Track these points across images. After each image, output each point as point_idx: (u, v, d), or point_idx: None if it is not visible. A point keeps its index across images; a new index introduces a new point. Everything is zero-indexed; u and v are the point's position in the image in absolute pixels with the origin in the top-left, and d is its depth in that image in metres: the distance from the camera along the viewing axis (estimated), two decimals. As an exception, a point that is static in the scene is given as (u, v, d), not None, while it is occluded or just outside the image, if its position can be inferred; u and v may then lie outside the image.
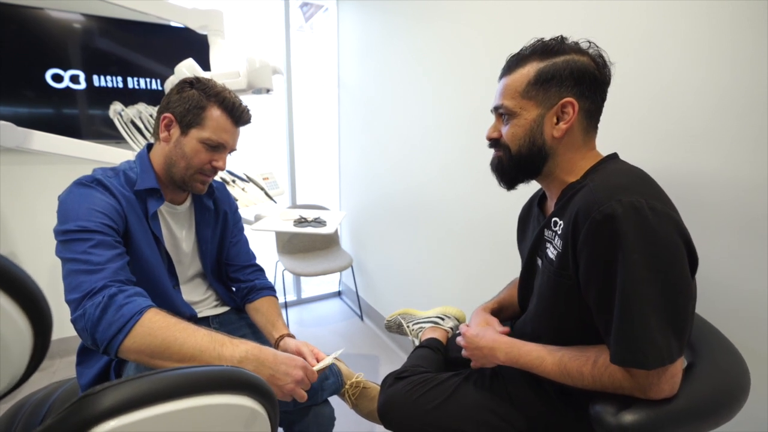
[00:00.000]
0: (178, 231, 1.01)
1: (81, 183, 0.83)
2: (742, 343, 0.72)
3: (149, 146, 0.97)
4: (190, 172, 0.91)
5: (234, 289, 1.14)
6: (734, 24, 0.77)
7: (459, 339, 0.87)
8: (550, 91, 0.70)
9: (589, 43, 0.71)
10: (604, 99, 0.73)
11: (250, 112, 0.97)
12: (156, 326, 0.69)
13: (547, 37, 0.73)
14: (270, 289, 1.13)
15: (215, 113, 0.90)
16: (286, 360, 0.74)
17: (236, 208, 1.18)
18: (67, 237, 0.75)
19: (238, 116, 0.93)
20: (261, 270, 1.18)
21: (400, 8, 1.87)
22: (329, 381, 1.02)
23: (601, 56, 0.71)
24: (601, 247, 0.60)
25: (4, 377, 0.28)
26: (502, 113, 0.76)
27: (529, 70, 0.71)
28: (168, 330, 0.69)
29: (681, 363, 0.60)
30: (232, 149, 0.97)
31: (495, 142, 0.79)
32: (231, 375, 0.41)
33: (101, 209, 0.80)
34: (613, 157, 0.74)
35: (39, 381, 0.96)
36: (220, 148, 0.93)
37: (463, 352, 0.86)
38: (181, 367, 0.37)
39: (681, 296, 0.58)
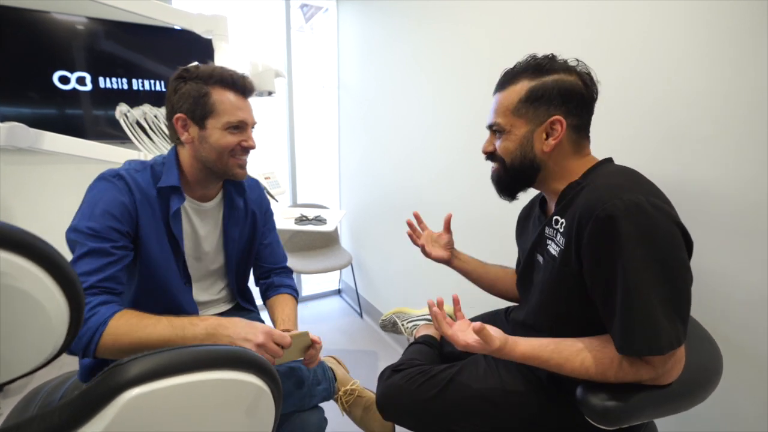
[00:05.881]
0: (201, 228, 1.00)
1: (103, 177, 0.87)
2: (721, 334, 0.76)
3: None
4: (225, 159, 0.91)
5: (259, 287, 1.16)
6: (734, 27, 0.79)
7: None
8: (540, 109, 0.74)
9: (578, 61, 0.75)
10: (591, 114, 0.77)
11: (249, 80, 0.95)
12: (121, 332, 0.75)
13: (541, 51, 0.76)
14: (285, 287, 1.12)
15: (221, 95, 0.88)
16: (245, 326, 0.78)
17: (267, 208, 1.16)
18: (72, 236, 0.81)
19: (242, 88, 0.92)
20: (287, 270, 1.19)
21: (399, 9, 1.90)
22: (320, 387, 1.00)
23: (588, 74, 0.75)
24: (606, 244, 0.63)
25: (48, 345, 0.32)
26: (495, 130, 0.80)
27: (521, 87, 0.75)
28: (132, 333, 0.75)
29: (683, 348, 0.63)
30: (253, 124, 0.96)
31: (491, 156, 0.83)
32: (239, 354, 0.45)
33: (111, 210, 0.83)
34: (608, 160, 0.77)
35: (47, 373, 1.01)
36: (242, 126, 0.92)
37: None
38: (198, 346, 0.41)
39: (682, 283, 0.62)
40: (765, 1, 0.74)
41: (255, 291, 1.21)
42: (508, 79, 0.78)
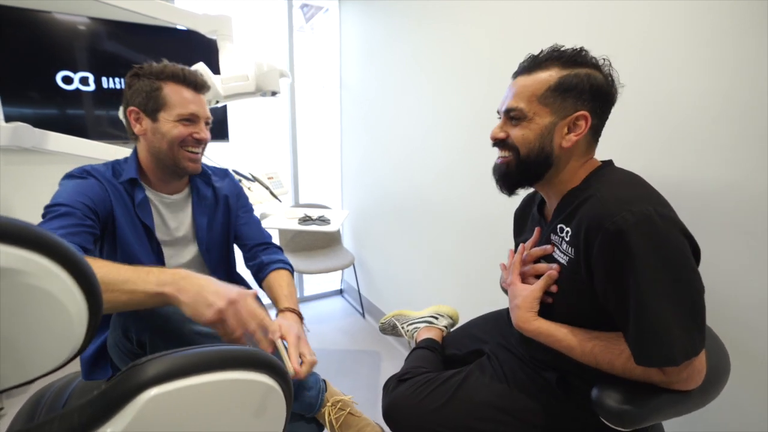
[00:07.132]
0: (171, 220, 1.03)
1: (72, 175, 0.91)
2: (723, 333, 0.76)
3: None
4: (175, 151, 0.95)
5: (250, 271, 1.14)
6: (735, 27, 0.79)
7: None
8: (568, 101, 0.70)
9: (604, 60, 0.72)
10: (607, 118, 0.75)
11: (202, 76, 0.99)
12: None
13: (567, 45, 0.73)
14: (278, 262, 1.09)
15: (172, 89, 0.93)
16: (217, 290, 0.70)
17: (240, 191, 1.19)
18: (43, 212, 0.82)
19: (193, 82, 0.96)
20: (273, 246, 1.16)
21: (400, 9, 1.91)
22: (309, 393, 0.93)
23: (611, 76, 0.72)
24: (617, 258, 0.62)
25: (67, 346, 0.33)
26: (512, 116, 0.75)
27: (551, 75, 0.71)
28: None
29: (704, 355, 0.62)
30: (207, 118, 0.99)
31: (501, 143, 0.78)
32: (252, 354, 0.46)
33: (84, 191, 0.86)
34: (609, 163, 0.76)
35: (51, 374, 1.01)
36: (194, 119, 0.96)
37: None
38: (211, 346, 0.42)
39: (696, 293, 0.61)
40: (765, 0, 0.74)
41: (247, 277, 1.18)
42: (536, 64, 0.73)
